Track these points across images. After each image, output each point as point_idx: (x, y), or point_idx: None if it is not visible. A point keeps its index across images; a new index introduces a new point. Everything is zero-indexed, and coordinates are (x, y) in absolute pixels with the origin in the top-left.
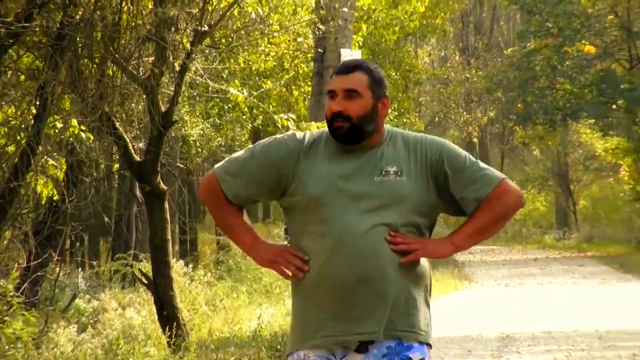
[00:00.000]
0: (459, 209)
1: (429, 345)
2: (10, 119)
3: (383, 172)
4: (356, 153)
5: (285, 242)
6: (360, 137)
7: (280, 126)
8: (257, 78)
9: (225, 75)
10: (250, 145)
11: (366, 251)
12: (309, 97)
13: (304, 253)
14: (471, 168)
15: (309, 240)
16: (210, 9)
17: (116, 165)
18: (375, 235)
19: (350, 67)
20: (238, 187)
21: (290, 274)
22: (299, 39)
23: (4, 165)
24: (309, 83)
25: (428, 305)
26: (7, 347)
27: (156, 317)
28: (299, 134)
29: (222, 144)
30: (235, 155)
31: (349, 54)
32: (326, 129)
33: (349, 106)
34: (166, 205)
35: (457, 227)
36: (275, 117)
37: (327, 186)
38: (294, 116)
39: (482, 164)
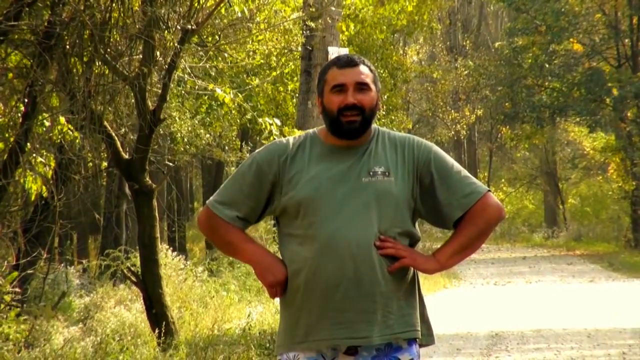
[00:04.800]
0: (438, 216)
1: (422, 343)
2: None
3: (371, 173)
4: (344, 153)
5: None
6: (363, 132)
7: (264, 128)
8: (244, 76)
9: (212, 74)
10: (236, 168)
11: (356, 253)
12: (297, 95)
13: (293, 257)
14: (458, 174)
15: (299, 244)
16: (197, 6)
17: (104, 163)
18: (365, 238)
19: (356, 61)
20: (234, 210)
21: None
22: (286, 37)
23: None
24: (296, 79)
25: (422, 299)
26: None
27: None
28: (283, 140)
29: (210, 141)
30: (224, 184)
31: (337, 52)
32: (308, 132)
33: (362, 98)
34: (155, 203)
35: (443, 243)
36: (260, 120)
37: (316, 189)
38: (278, 121)
39: (467, 173)
